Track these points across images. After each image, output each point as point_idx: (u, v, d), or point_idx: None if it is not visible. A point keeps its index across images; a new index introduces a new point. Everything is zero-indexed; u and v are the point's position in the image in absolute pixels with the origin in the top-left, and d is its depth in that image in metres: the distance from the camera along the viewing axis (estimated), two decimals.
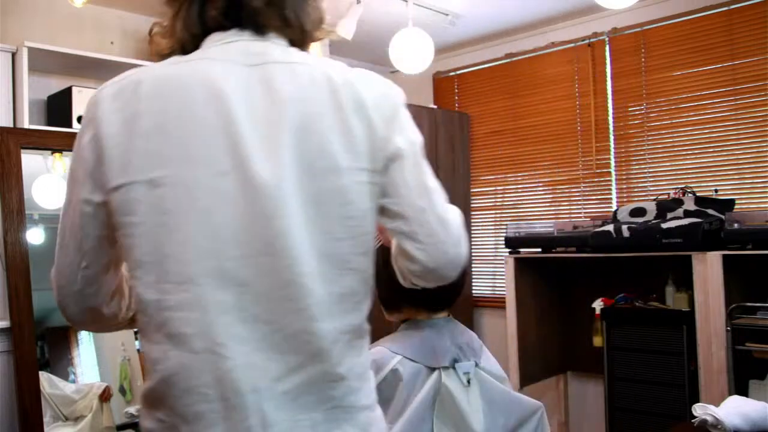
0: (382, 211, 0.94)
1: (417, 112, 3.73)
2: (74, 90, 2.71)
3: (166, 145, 0.86)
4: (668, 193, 2.96)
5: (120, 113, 0.88)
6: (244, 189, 0.85)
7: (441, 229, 0.94)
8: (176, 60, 0.94)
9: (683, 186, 2.95)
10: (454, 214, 0.98)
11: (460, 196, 3.97)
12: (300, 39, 1.00)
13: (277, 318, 0.85)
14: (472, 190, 4.05)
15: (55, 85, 2.89)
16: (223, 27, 0.95)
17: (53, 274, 1.01)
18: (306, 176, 0.87)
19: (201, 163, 0.86)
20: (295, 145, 0.87)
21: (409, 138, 0.96)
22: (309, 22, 0.99)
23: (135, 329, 1.06)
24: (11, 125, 2.58)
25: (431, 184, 0.96)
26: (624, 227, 2.73)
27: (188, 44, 0.97)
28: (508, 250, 3.27)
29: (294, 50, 0.97)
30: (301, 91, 0.90)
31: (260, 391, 0.84)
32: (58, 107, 2.78)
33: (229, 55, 0.92)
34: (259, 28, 0.95)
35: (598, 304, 2.94)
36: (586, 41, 3.54)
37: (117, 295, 1.00)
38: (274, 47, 0.94)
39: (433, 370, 1.28)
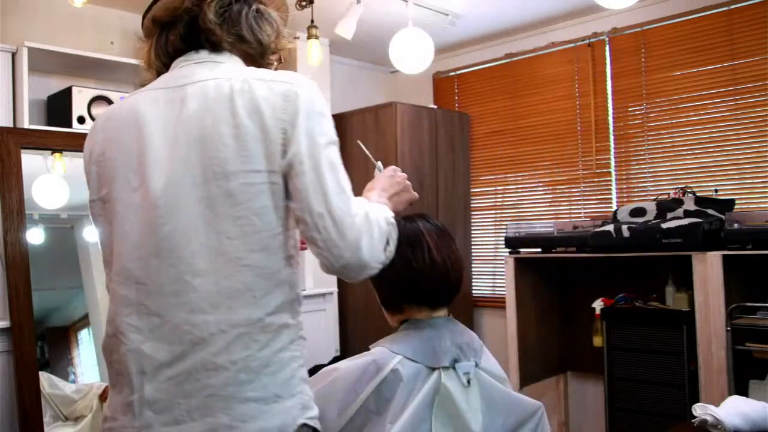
0: (293, 215, 1.02)
1: (417, 112, 3.73)
2: (74, 90, 2.71)
3: (106, 168, 1.07)
4: (668, 193, 2.96)
5: (89, 143, 1.13)
6: (144, 201, 1.01)
7: (337, 235, 0.98)
8: (133, 92, 1.12)
9: (683, 186, 2.95)
10: (357, 214, 1.01)
11: (460, 196, 3.97)
12: (259, 52, 1.12)
13: (166, 311, 0.99)
14: (472, 190, 4.05)
15: (55, 85, 2.89)
16: (182, 51, 1.09)
17: None
18: (200, 184, 0.99)
19: (122, 181, 1.04)
20: (192, 157, 1.00)
21: (313, 140, 1.00)
22: (265, 36, 1.11)
23: None
24: (11, 125, 2.58)
25: (332, 188, 0.99)
26: (624, 227, 2.73)
27: (162, 72, 1.12)
28: (508, 250, 3.27)
29: (224, 66, 1.07)
30: (204, 105, 1.02)
31: (146, 374, 0.98)
32: (58, 107, 2.78)
33: (160, 83, 1.08)
34: (214, 46, 1.08)
35: (598, 304, 2.94)
36: (586, 41, 3.54)
37: None
38: (203, 69, 1.06)
39: (433, 370, 1.28)
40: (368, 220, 1.02)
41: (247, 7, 1.09)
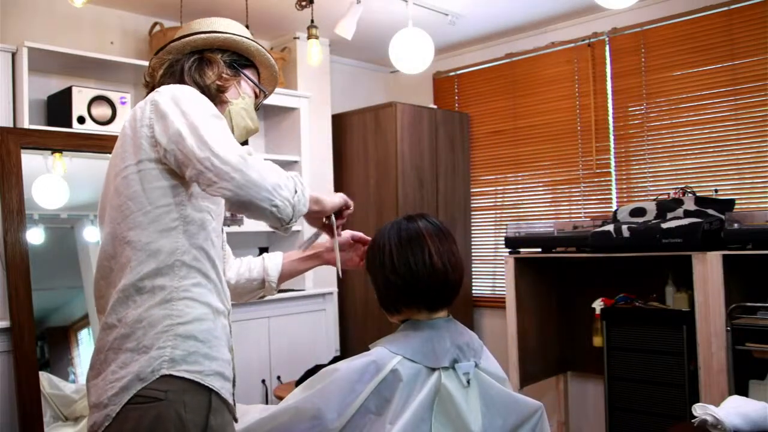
0: (197, 184, 1.18)
1: (417, 112, 3.73)
2: (74, 90, 2.71)
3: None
4: (668, 193, 2.96)
5: None
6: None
7: (221, 162, 1.13)
8: None
9: (683, 186, 2.95)
10: (239, 150, 1.16)
11: (460, 196, 3.97)
12: (207, 93, 1.33)
13: (103, 292, 1.24)
14: (472, 190, 4.05)
15: (55, 85, 2.89)
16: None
17: None
18: (107, 189, 1.26)
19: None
20: (107, 173, 1.28)
21: (183, 117, 1.17)
22: (205, 78, 1.35)
23: None
24: (11, 125, 2.58)
25: (209, 138, 1.15)
26: (624, 227, 2.73)
27: None
28: (508, 250, 3.27)
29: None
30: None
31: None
32: (58, 107, 2.78)
33: None
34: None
35: (598, 304, 2.94)
36: (586, 41, 3.54)
37: None
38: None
39: (433, 370, 1.28)
40: (248, 158, 1.16)
41: (188, 60, 1.36)
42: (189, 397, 1.15)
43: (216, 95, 1.35)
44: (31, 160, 2.62)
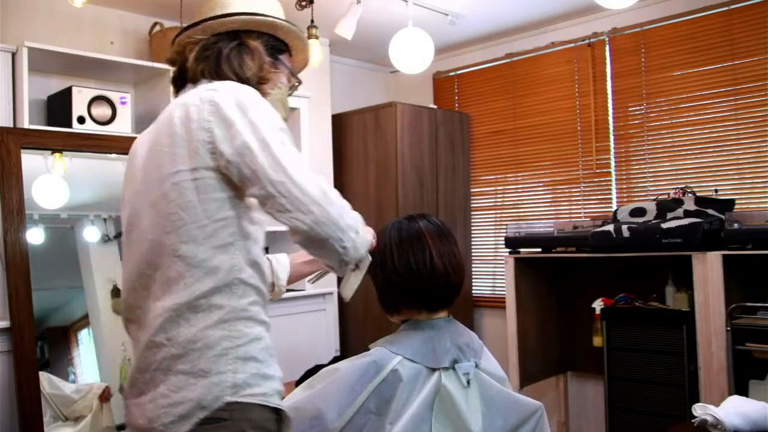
0: (259, 203, 1.12)
1: (417, 112, 3.73)
2: (74, 90, 2.71)
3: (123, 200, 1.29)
4: (668, 193, 2.96)
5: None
6: (124, 211, 1.25)
7: (300, 192, 1.07)
8: None
9: (683, 186, 2.95)
10: (317, 180, 1.11)
11: (460, 196, 3.97)
12: (246, 84, 1.23)
13: (140, 303, 1.16)
14: (472, 190, 4.05)
15: (55, 85, 2.88)
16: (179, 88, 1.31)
17: None
18: (148, 190, 1.16)
19: (123, 200, 1.27)
20: (144, 169, 1.19)
21: (255, 127, 1.10)
22: (245, 69, 1.26)
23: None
24: (11, 125, 2.57)
25: (286, 161, 1.09)
26: (624, 227, 2.73)
27: None
28: (508, 250, 3.27)
29: (186, 93, 1.22)
30: (157, 125, 1.20)
31: (134, 358, 1.17)
32: (58, 107, 2.77)
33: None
34: (195, 81, 1.26)
35: (598, 304, 2.94)
36: (586, 41, 3.54)
37: None
38: (177, 99, 1.23)
39: (433, 370, 1.28)
40: (328, 191, 1.11)
41: (226, 45, 1.26)
42: (255, 414, 1.10)
43: (255, 87, 1.24)
44: (31, 160, 2.62)
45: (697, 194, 2.84)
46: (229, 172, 1.11)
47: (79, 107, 2.71)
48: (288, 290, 3.33)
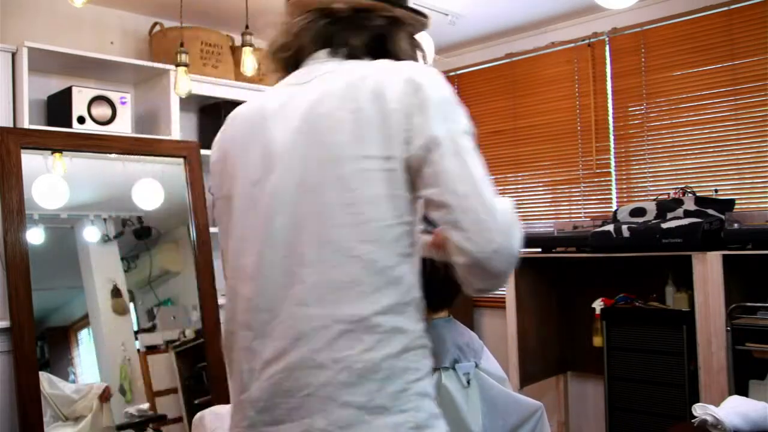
0: (427, 203, 0.94)
1: None
2: (74, 90, 2.71)
3: (229, 166, 1.06)
4: (668, 193, 2.96)
5: (215, 144, 1.13)
6: (261, 194, 0.98)
7: (486, 215, 0.90)
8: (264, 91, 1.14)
9: (683, 186, 2.95)
10: (503, 203, 0.94)
11: None
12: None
13: (275, 306, 0.94)
14: None
15: (55, 85, 2.89)
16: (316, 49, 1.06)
17: None
18: (314, 171, 0.94)
19: (243, 177, 1.02)
20: (308, 145, 0.96)
21: (450, 126, 0.93)
22: (401, 52, 1.06)
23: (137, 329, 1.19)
24: (11, 125, 2.58)
25: (477, 173, 0.93)
26: (624, 227, 2.73)
27: (289, 59, 1.11)
28: None
29: (351, 62, 1.03)
30: (320, 95, 0.98)
31: (254, 372, 0.95)
32: (58, 107, 2.78)
33: (291, 80, 1.07)
34: (352, 55, 1.05)
35: (598, 304, 2.94)
36: (586, 41, 3.54)
37: None
38: (330, 65, 1.03)
39: (433, 370, 1.28)
40: (516, 221, 0.95)
41: (393, 22, 1.07)
42: None
43: None
44: (31, 160, 2.62)
45: (697, 194, 2.84)
46: (408, 164, 0.93)
47: (79, 107, 2.71)
48: None
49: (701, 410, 1.63)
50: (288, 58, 1.08)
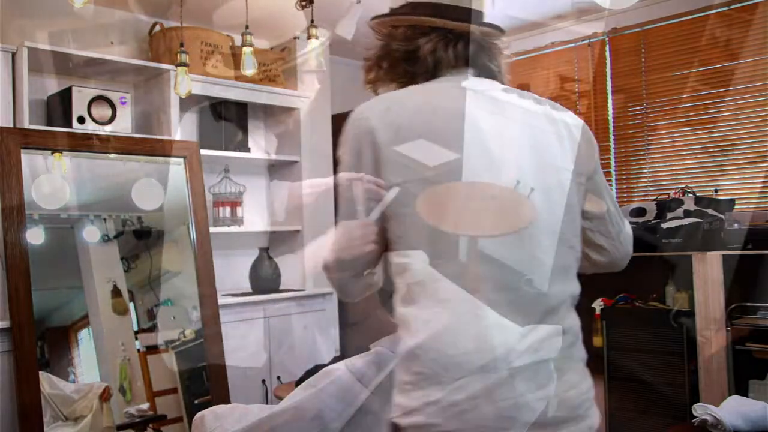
0: (585, 213, 1.16)
1: None
2: (74, 90, 2.71)
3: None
4: (668, 193, 2.96)
5: (389, 126, 1.17)
6: (496, 190, 1.07)
7: (625, 229, 1.24)
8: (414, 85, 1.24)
9: (683, 186, 2.95)
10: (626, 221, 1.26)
11: None
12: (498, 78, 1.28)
13: (521, 285, 1.05)
14: None
15: (55, 85, 2.89)
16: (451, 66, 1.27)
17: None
18: (540, 175, 1.09)
19: (466, 170, 1.08)
20: (529, 152, 1.10)
21: (599, 167, 1.22)
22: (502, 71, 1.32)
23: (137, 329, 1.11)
24: (11, 125, 2.58)
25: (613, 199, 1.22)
26: None
27: (407, 70, 1.29)
28: None
29: (515, 91, 1.23)
30: (527, 112, 1.16)
31: (509, 345, 1.02)
32: (58, 107, 2.78)
33: (457, 84, 1.20)
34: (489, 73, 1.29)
35: (598, 304, 2.94)
36: (586, 41, 3.54)
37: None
38: (493, 84, 1.24)
39: None
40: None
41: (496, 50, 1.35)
42: None
43: None
44: (31, 160, 2.62)
45: (697, 194, 2.84)
46: (584, 183, 1.16)
47: (79, 107, 2.71)
48: (288, 290, 3.36)
49: (701, 410, 1.63)
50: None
